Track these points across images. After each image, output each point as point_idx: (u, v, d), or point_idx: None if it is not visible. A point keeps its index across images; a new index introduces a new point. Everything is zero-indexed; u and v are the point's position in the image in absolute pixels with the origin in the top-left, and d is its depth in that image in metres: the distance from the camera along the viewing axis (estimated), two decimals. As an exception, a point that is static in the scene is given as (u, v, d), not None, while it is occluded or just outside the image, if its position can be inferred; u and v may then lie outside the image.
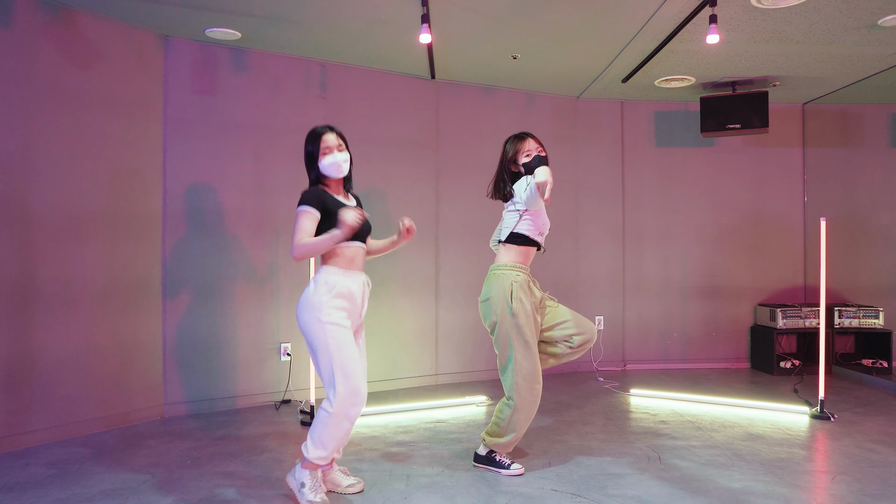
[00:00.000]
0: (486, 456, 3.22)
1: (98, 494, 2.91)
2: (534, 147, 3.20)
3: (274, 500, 2.85)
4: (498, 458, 3.19)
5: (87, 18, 3.86)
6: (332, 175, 2.85)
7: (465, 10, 3.84)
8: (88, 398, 3.87)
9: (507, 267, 3.12)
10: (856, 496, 2.89)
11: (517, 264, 3.13)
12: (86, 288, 3.86)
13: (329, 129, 2.89)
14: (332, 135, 2.87)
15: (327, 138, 2.85)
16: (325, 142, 2.84)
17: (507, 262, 3.14)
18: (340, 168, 2.84)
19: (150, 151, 4.21)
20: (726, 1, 3.69)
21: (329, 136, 2.85)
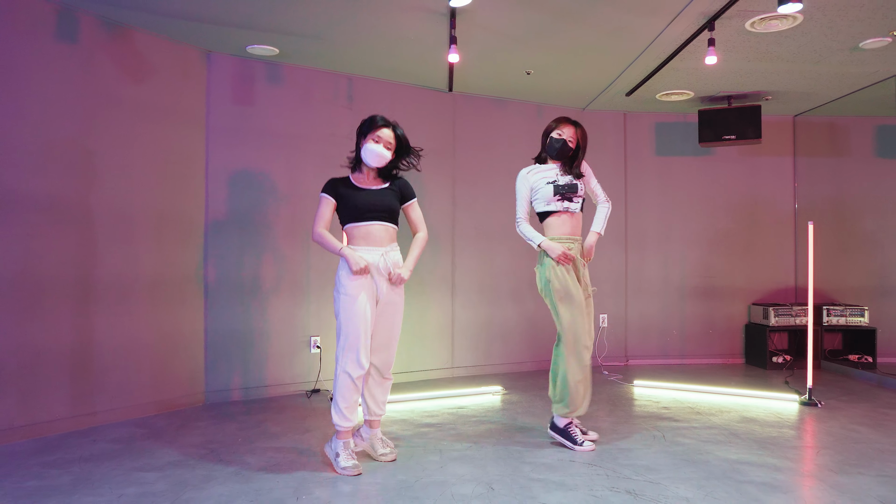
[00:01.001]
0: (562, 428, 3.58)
1: (167, 465, 3.26)
2: (567, 133, 3.57)
3: (323, 468, 3.21)
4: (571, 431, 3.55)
5: (140, 35, 4.23)
6: (367, 161, 3.21)
7: (486, 31, 4.23)
8: (140, 384, 4.22)
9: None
10: (838, 465, 3.28)
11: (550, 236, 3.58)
12: (137, 283, 4.21)
13: (388, 124, 3.23)
14: (388, 130, 3.22)
15: (384, 131, 3.21)
16: (380, 132, 3.19)
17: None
18: (375, 158, 3.18)
19: (194, 157, 4.57)
20: (723, 25, 4.09)
21: (385, 131, 3.21)
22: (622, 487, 2.93)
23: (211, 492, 2.89)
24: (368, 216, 3.18)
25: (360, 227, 3.20)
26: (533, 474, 3.12)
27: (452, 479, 3.04)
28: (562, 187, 3.54)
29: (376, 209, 3.20)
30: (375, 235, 3.20)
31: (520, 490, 2.91)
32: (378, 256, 3.19)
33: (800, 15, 3.93)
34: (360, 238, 3.20)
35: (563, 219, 3.56)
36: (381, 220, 3.22)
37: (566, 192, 3.53)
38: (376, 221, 3.20)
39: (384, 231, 3.23)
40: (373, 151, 3.18)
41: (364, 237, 3.19)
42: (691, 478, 3.07)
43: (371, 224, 3.19)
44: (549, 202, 3.57)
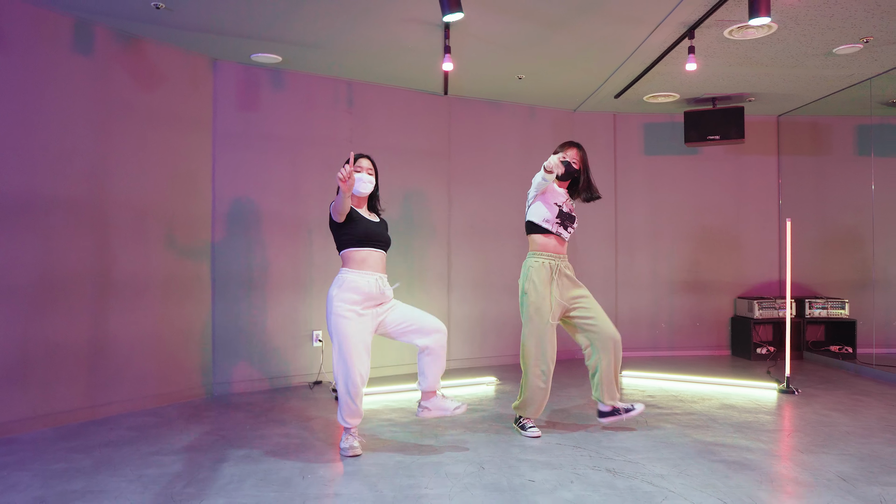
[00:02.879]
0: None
1: (181, 449, 3.51)
2: (570, 155, 3.78)
3: (328, 452, 3.46)
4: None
5: (151, 46, 4.47)
6: (358, 189, 3.44)
7: (479, 41, 4.46)
8: (152, 376, 4.47)
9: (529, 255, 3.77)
10: (805, 446, 3.52)
11: (534, 252, 3.74)
12: (150, 280, 4.45)
13: (362, 155, 3.52)
14: (365, 160, 3.51)
15: (362, 161, 3.49)
16: (359, 162, 3.47)
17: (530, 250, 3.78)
18: (364, 185, 3.44)
19: (202, 161, 4.81)
20: (702, 34, 4.32)
21: (363, 161, 3.49)
22: (603, 466, 3.18)
23: (223, 472, 3.13)
24: (369, 243, 3.42)
25: (361, 252, 3.40)
26: (521, 455, 3.37)
27: (447, 461, 3.29)
28: (565, 214, 3.74)
29: (378, 238, 3.45)
30: (371, 262, 3.42)
31: (508, 469, 3.15)
32: (373, 281, 3.40)
33: (774, 24, 4.16)
34: (358, 262, 3.39)
35: (551, 240, 3.74)
36: (380, 248, 3.46)
37: (566, 220, 3.75)
38: (376, 249, 3.45)
39: (381, 259, 3.47)
40: (360, 179, 3.44)
41: (362, 261, 3.39)
42: (668, 458, 3.32)
43: (372, 251, 3.43)
44: (548, 221, 3.73)
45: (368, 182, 3.47)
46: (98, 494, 2.84)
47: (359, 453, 3.38)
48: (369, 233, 3.42)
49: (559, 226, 3.73)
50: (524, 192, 6.19)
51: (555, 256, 3.73)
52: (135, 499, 2.79)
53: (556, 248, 3.74)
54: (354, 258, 3.41)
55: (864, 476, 3.04)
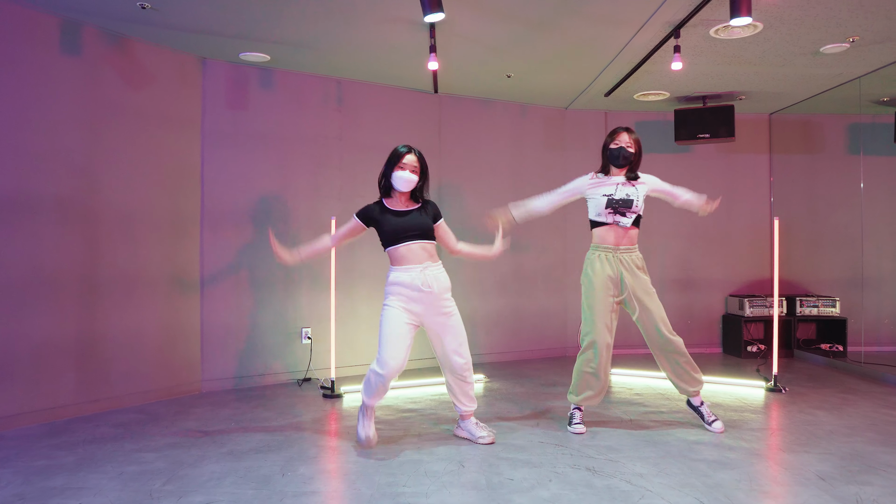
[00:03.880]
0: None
1: (164, 446, 3.53)
2: (624, 141, 3.76)
3: (311, 448, 3.47)
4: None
5: (140, 45, 4.48)
6: (398, 187, 3.45)
7: (465, 40, 4.47)
8: (140, 374, 4.49)
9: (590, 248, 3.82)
10: (788, 445, 3.53)
11: (595, 244, 3.79)
12: (138, 278, 4.47)
13: (411, 150, 3.48)
14: (412, 156, 3.48)
15: (408, 158, 3.47)
16: (404, 159, 3.46)
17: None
18: (405, 184, 3.43)
19: (190, 159, 4.82)
20: (688, 33, 4.32)
21: (409, 157, 3.47)
22: (583, 465, 3.19)
23: (204, 469, 3.15)
24: (404, 237, 3.41)
25: (399, 248, 3.41)
26: (503, 454, 3.38)
27: (427, 458, 3.31)
28: (616, 201, 3.71)
29: (412, 230, 3.43)
30: (413, 254, 3.41)
31: (488, 467, 3.17)
32: (417, 273, 3.40)
33: (760, 24, 4.16)
34: (398, 258, 3.42)
35: (611, 230, 3.73)
36: (416, 238, 3.43)
37: (619, 206, 3.71)
38: (413, 241, 3.43)
39: (421, 249, 3.44)
40: (401, 178, 3.42)
41: (402, 257, 3.41)
42: (649, 457, 3.33)
43: (409, 244, 3.42)
44: (600, 213, 3.74)
45: (409, 181, 3.43)
46: (77, 491, 2.86)
47: (370, 445, 3.45)
48: (397, 228, 3.41)
49: (613, 214, 3.71)
50: (516, 188, 6.24)
51: (613, 248, 3.73)
52: (114, 496, 2.81)
53: (617, 240, 3.73)
54: (393, 256, 3.46)
55: (843, 475, 3.05)
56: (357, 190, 5.50)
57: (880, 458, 3.29)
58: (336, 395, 4.70)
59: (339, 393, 4.72)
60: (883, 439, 3.63)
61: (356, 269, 5.47)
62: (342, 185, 5.43)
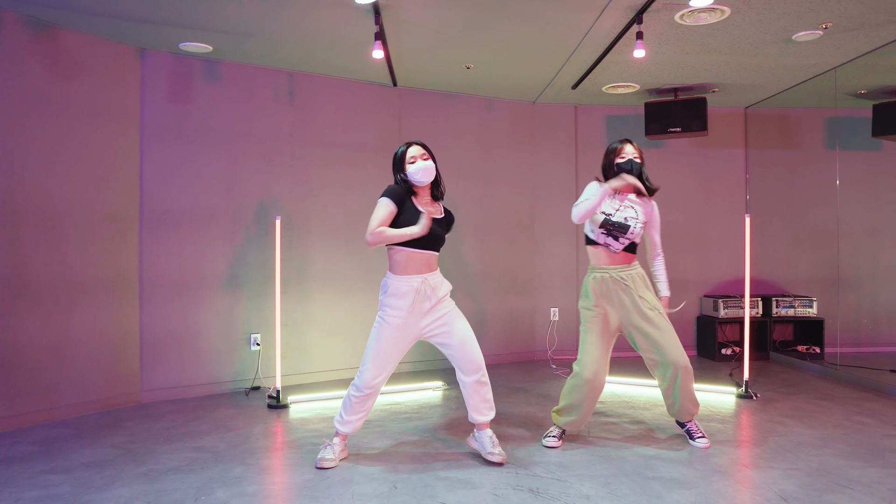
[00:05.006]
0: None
1: (78, 466, 3.25)
2: (630, 153, 3.50)
3: (236, 468, 3.20)
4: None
5: (69, 35, 4.19)
6: (420, 180, 3.14)
7: (416, 27, 4.20)
8: (71, 385, 4.20)
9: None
10: (752, 460, 3.29)
11: (591, 265, 3.53)
12: (68, 282, 4.18)
13: (411, 144, 3.21)
14: (415, 146, 3.20)
15: (411, 150, 3.18)
16: (409, 151, 3.17)
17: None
18: (425, 173, 3.14)
19: (128, 156, 4.53)
20: (652, 18, 4.06)
21: (413, 148, 3.19)
22: (526, 485, 2.94)
23: (112, 493, 2.88)
24: (421, 244, 3.11)
25: (400, 254, 3.13)
26: (442, 472, 3.12)
27: (358, 478, 3.04)
28: (611, 224, 3.41)
29: (433, 239, 3.14)
30: (414, 263, 3.13)
31: (423, 489, 2.91)
32: (419, 282, 3.13)
33: (727, 8, 3.90)
34: (404, 262, 3.12)
35: (601, 251, 3.47)
36: (431, 248, 3.17)
37: (612, 229, 3.42)
38: (427, 250, 3.15)
39: (430, 259, 3.19)
40: (418, 169, 3.13)
41: (403, 265, 3.13)
42: (600, 475, 3.07)
43: (412, 251, 3.12)
44: (593, 230, 3.47)
45: (427, 169, 3.13)
46: (-42, 523, 2.59)
47: (327, 466, 3.19)
48: (430, 233, 3.09)
49: (605, 236, 3.42)
50: (482, 187, 5.97)
51: (607, 269, 3.45)
52: (-2, 528, 2.53)
53: (610, 260, 3.46)
54: (395, 261, 3.14)
55: (807, 495, 2.81)
56: (311, 188, 5.22)
57: (848, 474, 3.05)
58: (282, 405, 4.43)
59: (286, 403, 4.45)
60: (853, 451, 3.40)
61: (310, 272, 5.20)
62: (294, 183, 5.15)
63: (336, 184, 5.28)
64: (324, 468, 3.18)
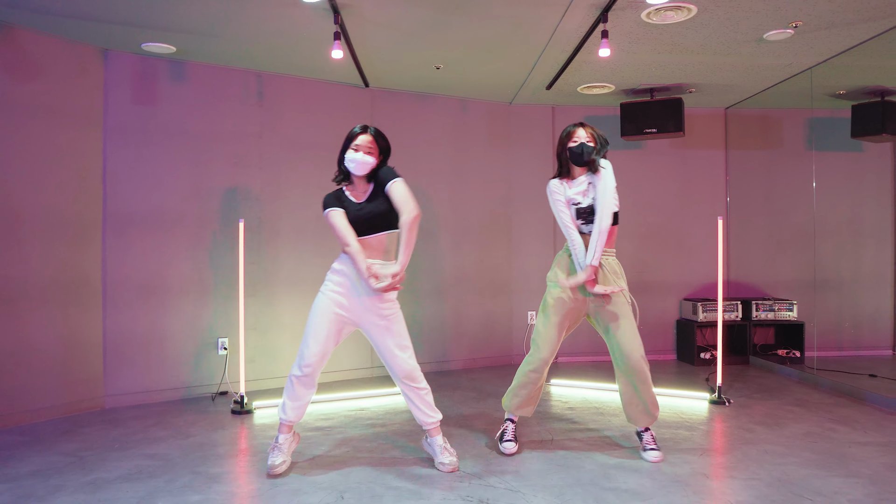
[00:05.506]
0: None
1: (24, 475, 3.17)
2: (582, 136, 3.41)
3: (184, 476, 3.13)
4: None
5: (28, 34, 4.11)
6: (353, 171, 3.16)
7: (378, 27, 4.12)
8: (29, 390, 4.12)
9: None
10: (714, 469, 3.21)
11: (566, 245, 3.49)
12: (27, 286, 4.11)
13: (365, 130, 3.18)
14: (365, 136, 3.16)
15: (361, 138, 3.15)
16: (357, 140, 3.15)
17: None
18: (359, 166, 3.13)
19: (91, 158, 4.46)
20: (618, 17, 3.99)
21: (362, 137, 3.15)
22: (477, 497, 2.86)
23: (52, 503, 2.80)
24: (359, 231, 3.13)
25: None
26: (394, 482, 3.05)
27: (307, 487, 2.97)
28: (583, 211, 3.36)
29: (364, 223, 3.14)
30: (367, 248, 3.15)
31: (370, 499, 2.83)
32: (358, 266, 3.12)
33: (693, 7, 3.83)
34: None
35: (585, 239, 3.38)
36: (371, 232, 3.15)
37: (588, 216, 3.36)
38: (366, 235, 3.15)
39: (375, 244, 3.17)
40: (353, 160, 3.13)
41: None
42: (556, 485, 3.00)
43: (364, 238, 3.14)
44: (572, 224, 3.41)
45: (363, 163, 3.12)
46: None
47: (278, 471, 3.13)
48: (359, 220, 3.14)
49: (585, 224, 3.38)
50: (457, 188, 5.89)
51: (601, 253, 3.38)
52: (-77, 541, 2.46)
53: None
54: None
55: (763, 506, 2.73)
56: (280, 190, 5.15)
57: (810, 485, 2.98)
58: (246, 410, 4.35)
59: (250, 409, 4.38)
60: (819, 460, 3.32)
61: (279, 274, 5.12)
62: (263, 185, 5.08)
63: (306, 186, 5.21)
64: (275, 475, 3.11)
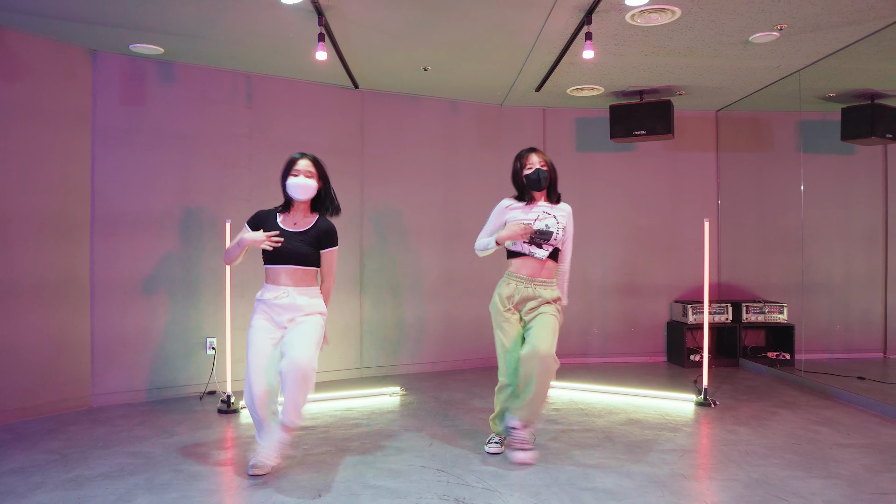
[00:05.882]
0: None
1: (6, 472, 3.19)
2: (536, 161, 3.43)
3: (165, 473, 3.15)
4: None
5: (15, 35, 4.13)
6: (295, 196, 3.24)
7: (363, 28, 4.14)
8: (16, 389, 4.14)
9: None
10: (694, 470, 3.22)
11: (509, 272, 3.46)
12: (14, 286, 4.13)
13: (304, 156, 3.28)
14: (304, 160, 3.25)
15: (300, 163, 3.24)
16: (296, 165, 3.24)
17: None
18: (301, 191, 3.21)
19: (79, 158, 4.48)
20: (602, 19, 4.01)
21: (301, 162, 3.24)
22: (453, 495, 2.87)
23: (32, 500, 2.83)
24: (279, 260, 3.20)
25: (272, 269, 3.23)
26: (373, 480, 3.06)
27: (286, 486, 2.98)
28: (534, 232, 3.35)
29: (288, 255, 3.20)
30: (284, 278, 3.21)
31: (347, 497, 2.85)
32: (281, 293, 3.19)
33: (677, 9, 3.85)
34: (270, 278, 3.24)
35: (527, 261, 3.40)
36: (291, 263, 3.20)
37: (536, 237, 3.35)
38: (288, 265, 3.20)
39: (292, 274, 3.21)
40: (295, 185, 3.22)
41: (273, 278, 3.23)
42: (534, 485, 3.01)
43: (281, 268, 3.21)
44: (515, 242, 3.41)
45: (304, 187, 3.21)
46: None
47: (258, 472, 3.12)
48: (284, 249, 3.18)
49: (529, 245, 3.38)
50: (447, 190, 5.90)
51: (528, 280, 3.38)
52: None
53: (533, 272, 3.38)
54: (268, 274, 3.27)
55: (738, 506, 2.74)
56: (269, 192, 5.15)
57: (788, 486, 2.98)
58: (233, 410, 4.37)
59: (237, 408, 4.40)
60: (800, 461, 3.32)
61: (268, 275, 5.14)
62: (252, 187, 5.10)
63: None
64: (255, 475, 3.12)
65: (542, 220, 3.40)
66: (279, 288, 3.20)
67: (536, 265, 3.40)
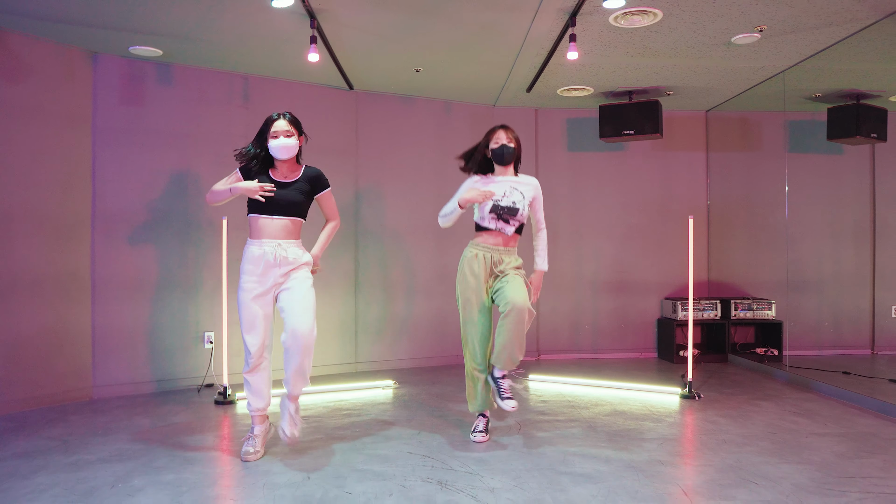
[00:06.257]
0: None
1: (8, 456, 3.32)
2: (503, 137, 3.56)
3: (162, 458, 3.27)
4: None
5: (17, 38, 4.27)
6: (278, 156, 3.29)
7: (355, 30, 4.27)
8: (17, 380, 4.27)
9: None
10: (670, 457, 3.33)
11: (473, 241, 3.57)
12: (17, 281, 4.26)
13: (281, 116, 3.30)
14: (282, 121, 3.29)
15: (277, 124, 3.28)
16: (274, 126, 3.27)
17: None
18: (285, 151, 3.27)
19: (80, 158, 4.62)
20: (586, 21, 4.13)
21: (279, 122, 3.29)
22: (436, 478, 2.99)
23: (33, 480, 2.95)
24: (274, 211, 3.26)
25: (261, 219, 3.27)
26: (360, 465, 3.18)
27: (276, 469, 3.11)
28: (501, 208, 3.47)
29: (285, 204, 3.27)
30: (270, 229, 3.27)
31: (334, 479, 2.97)
32: (273, 247, 3.25)
33: (658, 11, 3.97)
34: (258, 229, 3.28)
35: (492, 235, 3.52)
36: (281, 214, 3.28)
37: (503, 213, 3.47)
38: (277, 216, 3.27)
39: (282, 225, 3.29)
40: (277, 147, 3.26)
41: (259, 231, 3.28)
42: (514, 469, 3.12)
43: (272, 218, 3.27)
44: (483, 217, 3.52)
45: (286, 147, 3.26)
46: None
47: (251, 458, 3.25)
48: (276, 199, 3.24)
49: (497, 220, 3.49)
50: (441, 189, 6.02)
51: (489, 248, 3.51)
52: None
53: (497, 242, 3.52)
54: (253, 227, 3.30)
55: (710, 489, 2.85)
56: (266, 189, 5.30)
57: (760, 470, 3.09)
58: (229, 401, 4.50)
59: (233, 399, 4.52)
60: (775, 449, 3.43)
61: (265, 271, 5.27)
62: (249, 184, 5.23)
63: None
64: (248, 461, 3.24)
65: (508, 196, 3.51)
66: (271, 241, 3.24)
67: (502, 238, 3.53)
